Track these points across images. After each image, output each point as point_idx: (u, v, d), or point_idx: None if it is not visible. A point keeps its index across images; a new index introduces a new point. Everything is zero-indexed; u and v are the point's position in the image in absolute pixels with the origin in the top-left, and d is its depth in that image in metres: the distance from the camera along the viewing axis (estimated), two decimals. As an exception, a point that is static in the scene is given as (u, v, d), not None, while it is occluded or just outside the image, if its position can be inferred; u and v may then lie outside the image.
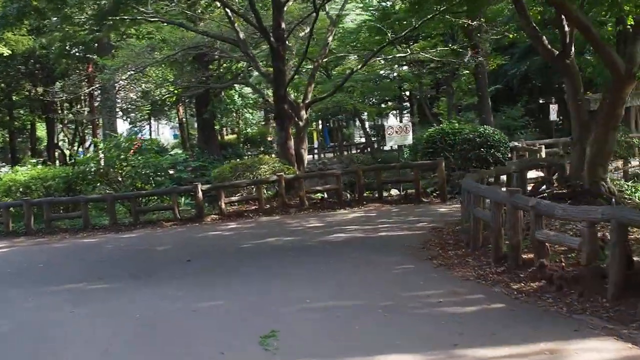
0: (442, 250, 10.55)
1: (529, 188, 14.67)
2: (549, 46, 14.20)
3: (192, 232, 15.59)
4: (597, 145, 12.61)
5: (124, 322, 7.65)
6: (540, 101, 43.74)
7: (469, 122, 27.27)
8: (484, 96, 27.59)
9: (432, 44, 28.11)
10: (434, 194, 18.62)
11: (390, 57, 26.61)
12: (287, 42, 19.84)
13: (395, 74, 36.57)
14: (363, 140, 51.56)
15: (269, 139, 44.86)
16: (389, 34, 22.98)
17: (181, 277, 10.14)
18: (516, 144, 23.79)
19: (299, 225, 15.22)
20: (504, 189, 11.40)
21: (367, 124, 49.86)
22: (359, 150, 42.21)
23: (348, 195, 18.70)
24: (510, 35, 23.07)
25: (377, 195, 18.47)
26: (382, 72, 35.47)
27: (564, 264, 7.72)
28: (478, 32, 26.19)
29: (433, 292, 7.86)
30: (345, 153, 42.14)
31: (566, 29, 13.96)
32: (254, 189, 18.05)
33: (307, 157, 20.99)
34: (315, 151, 43.31)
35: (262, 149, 42.69)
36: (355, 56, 28.88)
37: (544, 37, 14.24)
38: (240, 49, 20.65)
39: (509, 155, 22.38)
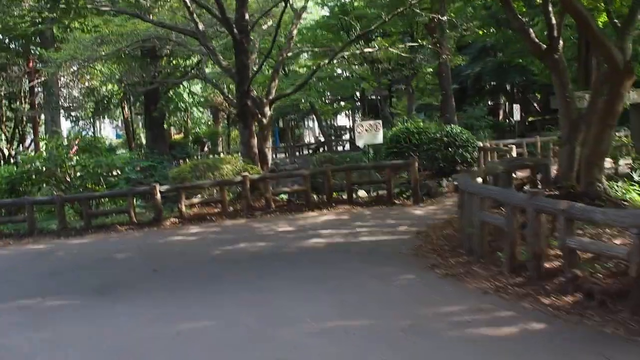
0: (441, 257, 9.61)
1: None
2: (536, 40, 13.48)
3: (151, 237, 14.29)
4: (593, 144, 11.91)
5: (94, 353, 6.42)
6: (490, 102, 43.71)
7: (432, 121, 26.60)
8: (448, 95, 26.94)
9: (391, 42, 27.32)
10: (404, 196, 17.79)
11: (348, 53, 25.74)
12: (250, 35, 18.66)
13: (349, 73, 35.74)
14: (313, 140, 50.69)
15: (220, 138, 43.64)
16: (354, 31, 21.99)
17: (151, 291, 8.90)
18: (481, 144, 23.13)
19: (269, 230, 14.10)
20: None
21: (317, 124, 49.19)
22: (311, 151, 41.22)
23: (315, 196, 17.67)
24: (480, 32, 22.39)
25: (346, 197, 17.53)
26: (338, 70, 34.64)
27: (601, 276, 6.84)
28: (441, 30, 25.56)
29: (455, 309, 6.88)
30: (297, 153, 41.10)
31: (553, 21, 13.27)
32: (217, 191, 16.85)
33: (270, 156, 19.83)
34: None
35: (207, 148, 41.55)
36: (311, 52, 28.06)
37: (531, 30, 13.53)
38: (199, 42, 19.36)
39: (477, 156, 21.76)
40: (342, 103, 39.10)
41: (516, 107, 26.87)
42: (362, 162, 21.26)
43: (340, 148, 39.13)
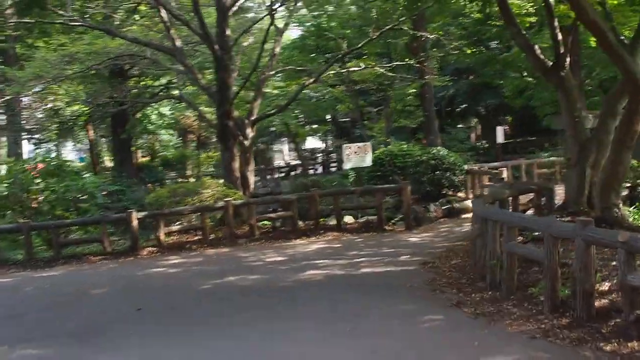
0: (461, 292, 8.63)
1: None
2: (542, 56, 12.72)
3: (128, 269, 13.09)
4: (611, 166, 11.11)
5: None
6: (459, 125, 43.20)
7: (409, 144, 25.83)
8: (431, 117, 26.17)
9: (366, 63, 26.47)
10: (393, 221, 16.89)
11: (325, 74, 24.94)
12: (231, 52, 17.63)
13: (323, 94, 34.81)
14: (282, 163, 49.59)
15: (189, 162, 42.30)
16: (335, 50, 21.15)
17: (139, 336, 7.76)
18: (466, 167, 22.34)
19: (257, 260, 13.01)
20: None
21: (287, 147, 48.22)
22: (282, 174, 40.13)
23: (301, 223, 16.63)
24: (469, 51, 21.70)
25: (334, 223, 16.54)
26: (312, 92, 33.69)
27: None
28: (423, 51, 24.85)
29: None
30: (269, 177, 39.94)
31: (559, 37, 12.54)
32: (196, 217, 15.71)
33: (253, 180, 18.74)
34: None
35: (174, 172, 40.19)
36: (285, 73, 27.07)
37: (536, 46, 12.77)
38: (177, 59, 18.28)
39: (465, 179, 20.95)
40: (315, 125, 38.08)
41: (499, 129, 26.25)
42: (346, 186, 20.32)
43: (312, 171, 38.17)
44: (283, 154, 57.58)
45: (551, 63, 12.60)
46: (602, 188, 11.11)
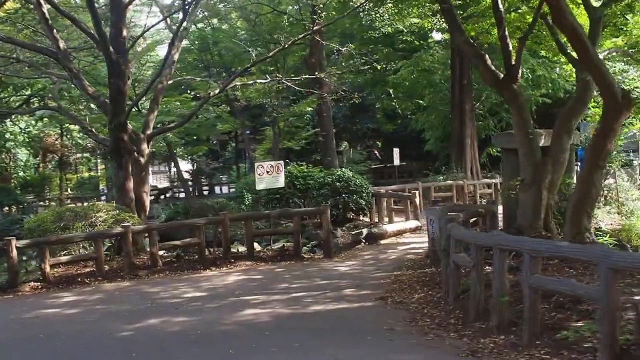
0: (464, 337, 7.14)
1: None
2: (493, 67, 11.75)
3: (10, 310, 10.59)
4: (582, 187, 10.20)
5: None
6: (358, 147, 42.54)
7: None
8: (329, 136, 24.90)
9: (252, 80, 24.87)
10: (307, 248, 15.47)
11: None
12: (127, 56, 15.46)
13: (206, 113, 32.81)
14: (159, 185, 46.65)
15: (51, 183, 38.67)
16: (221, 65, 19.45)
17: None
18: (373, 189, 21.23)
19: (172, 296, 11.00)
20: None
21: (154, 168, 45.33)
22: (152, 197, 37.46)
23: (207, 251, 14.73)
24: (379, 67, 20.71)
25: (245, 251, 14.81)
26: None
27: None
28: (321, 67, 23.69)
29: None
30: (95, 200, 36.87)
31: (510, 46, 11.65)
32: (89, 245, 13.41)
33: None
34: (103, 198, 37.36)
35: (33, 195, 36.49)
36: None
37: (487, 56, 11.79)
38: (60, 63, 15.83)
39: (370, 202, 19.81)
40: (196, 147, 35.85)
41: (396, 151, 25.45)
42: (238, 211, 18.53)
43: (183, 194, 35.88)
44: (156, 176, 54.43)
45: (502, 75, 11.65)
46: (573, 211, 10.16)
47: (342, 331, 7.95)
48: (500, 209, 13.90)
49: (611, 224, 15.88)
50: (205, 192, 38.39)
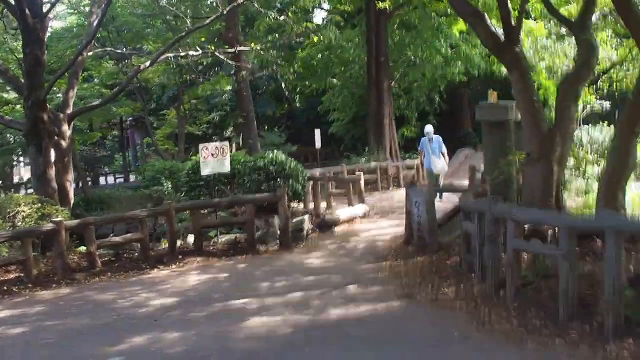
0: (558, 337, 5.94)
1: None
2: (494, 29, 10.60)
3: None
4: (618, 158, 9.18)
5: None
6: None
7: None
8: (250, 118, 23.04)
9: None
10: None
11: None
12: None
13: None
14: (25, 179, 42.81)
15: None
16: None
17: None
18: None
19: (134, 304, 9.14)
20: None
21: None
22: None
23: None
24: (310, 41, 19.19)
25: (192, 246, 13.02)
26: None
27: None
28: (239, 42, 21.89)
29: None
30: (12, 191, 33.47)
31: (509, 5, 10.54)
32: (15, 247, 11.15)
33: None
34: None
35: None
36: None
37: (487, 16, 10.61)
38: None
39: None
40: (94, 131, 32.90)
41: (317, 132, 23.97)
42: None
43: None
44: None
45: (503, 38, 10.52)
46: (607, 187, 9.16)
47: (401, 343, 6.50)
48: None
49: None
50: (89, 184, 35.51)
